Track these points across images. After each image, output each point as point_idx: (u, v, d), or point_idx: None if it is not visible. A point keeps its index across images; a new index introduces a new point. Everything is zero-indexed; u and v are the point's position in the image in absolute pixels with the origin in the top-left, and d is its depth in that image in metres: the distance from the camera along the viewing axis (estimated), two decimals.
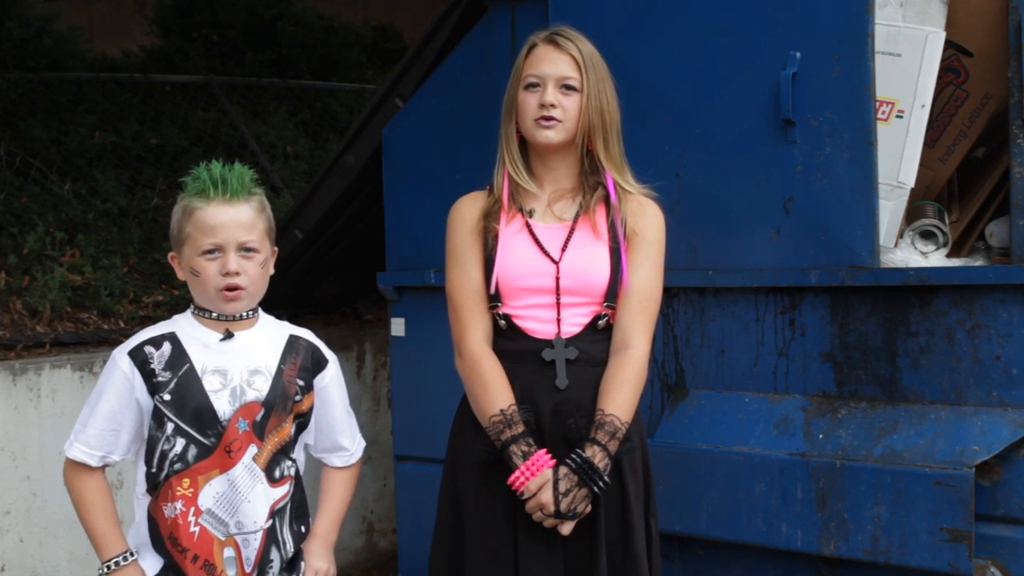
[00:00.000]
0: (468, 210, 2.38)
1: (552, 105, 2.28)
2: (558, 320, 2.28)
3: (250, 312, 2.18)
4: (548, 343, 2.27)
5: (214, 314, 2.14)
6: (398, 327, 3.52)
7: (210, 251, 2.08)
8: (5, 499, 3.51)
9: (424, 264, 3.43)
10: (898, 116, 2.72)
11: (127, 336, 4.18)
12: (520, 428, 2.22)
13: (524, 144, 2.38)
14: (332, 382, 2.27)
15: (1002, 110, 2.72)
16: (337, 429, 2.29)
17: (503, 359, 2.30)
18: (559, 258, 2.29)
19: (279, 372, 2.15)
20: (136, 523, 2.16)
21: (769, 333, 2.79)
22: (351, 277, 4.50)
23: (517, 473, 2.20)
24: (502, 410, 2.23)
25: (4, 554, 3.50)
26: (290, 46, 7.08)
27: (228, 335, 2.14)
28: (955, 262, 2.71)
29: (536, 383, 2.26)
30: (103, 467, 2.15)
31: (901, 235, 2.78)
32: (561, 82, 2.30)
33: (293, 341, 2.22)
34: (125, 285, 4.47)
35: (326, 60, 7.29)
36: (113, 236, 4.82)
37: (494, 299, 2.31)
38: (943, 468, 2.45)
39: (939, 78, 2.73)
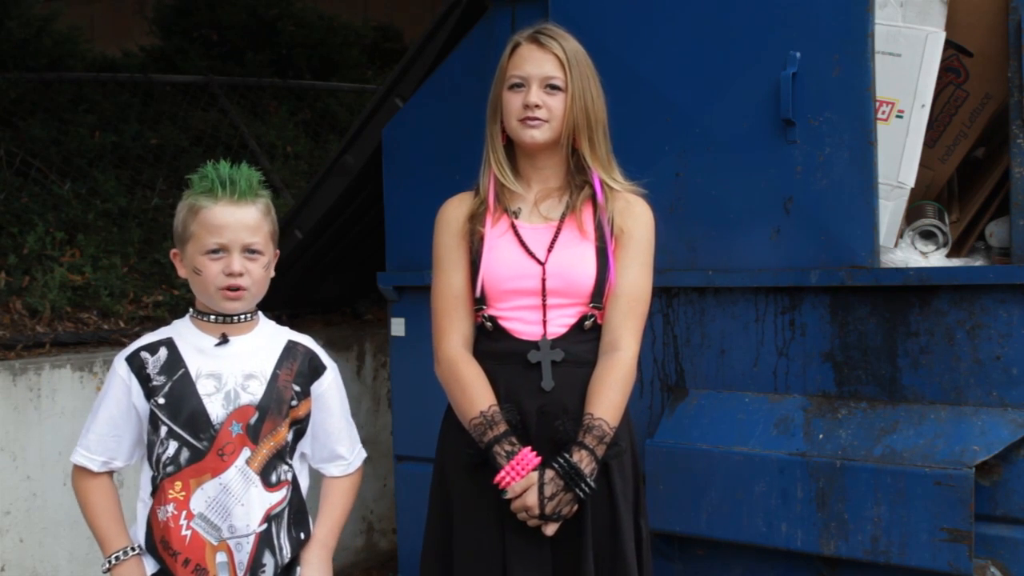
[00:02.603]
0: (453, 213, 2.37)
1: (536, 105, 2.27)
2: (544, 321, 2.27)
3: (249, 315, 2.19)
4: (534, 344, 2.26)
5: (212, 317, 2.14)
6: (398, 327, 3.52)
7: (214, 251, 2.08)
8: (5, 499, 3.51)
9: (424, 264, 3.40)
10: (898, 116, 2.72)
11: (127, 336, 4.22)
12: (503, 427, 2.21)
13: (511, 144, 2.37)
14: (330, 389, 2.25)
15: (1002, 110, 2.72)
16: (335, 437, 2.27)
17: (488, 360, 2.29)
18: (544, 259, 2.27)
19: (274, 376, 2.15)
20: (136, 526, 2.17)
21: (769, 333, 2.79)
22: (351, 277, 4.50)
23: (503, 473, 2.19)
24: (482, 411, 2.22)
25: (4, 554, 3.50)
26: (290, 46, 7.08)
27: (224, 340, 2.14)
28: (955, 262, 2.71)
29: (521, 385, 2.26)
30: (109, 472, 2.18)
31: (901, 235, 2.78)
32: (545, 82, 2.29)
33: (291, 347, 2.22)
34: (125, 285, 4.47)
35: (326, 60, 7.29)
36: (113, 236, 4.82)
37: (480, 301, 2.30)
38: (943, 468, 2.45)
39: (939, 78, 2.73)
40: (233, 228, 2.08)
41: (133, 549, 2.12)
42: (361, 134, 3.72)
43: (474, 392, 2.25)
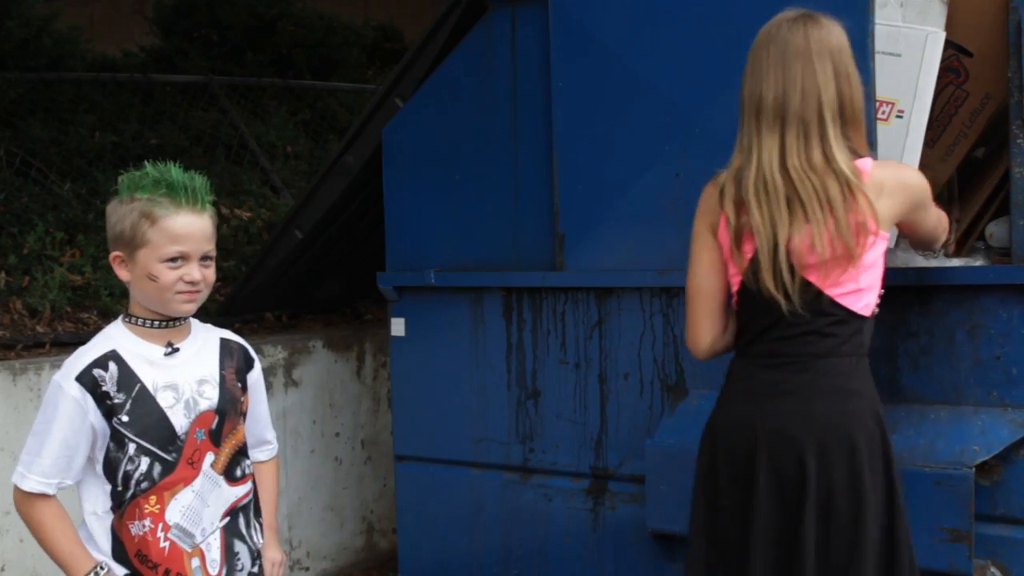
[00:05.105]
0: None
1: None
2: None
3: (182, 320, 2.18)
4: None
5: (151, 322, 2.13)
6: (398, 327, 3.52)
7: (174, 259, 2.07)
8: (5, 499, 3.51)
9: (424, 264, 3.43)
10: (898, 116, 2.72)
11: None
12: None
13: None
14: (259, 379, 2.33)
15: (1002, 110, 2.72)
16: (262, 423, 2.37)
17: None
18: None
19: (222, 378, 2.18)
20: (91, 540, 2.12)
21: None
22: (351, 277, 4.50)
23: None
24: None
25: (4, 554, 3.50)
26: (290, 46, 7.08)
27: (173, 349, 2.14)
28: (955, 262, 2.71)
29: None
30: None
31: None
32: None
33: (225, 344, 2.25)
34: (125, 285, 4.46)
35: (326, 60, 7.29)
36: None
37: None
38: (943, 468, 2.45)
39: (939, 78, 2.72)
40: (195, 238, 2.07)
41: (102, 568, 2.08)
42: (361, 134, 3.72)
43: None
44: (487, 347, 3.33)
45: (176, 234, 2.05)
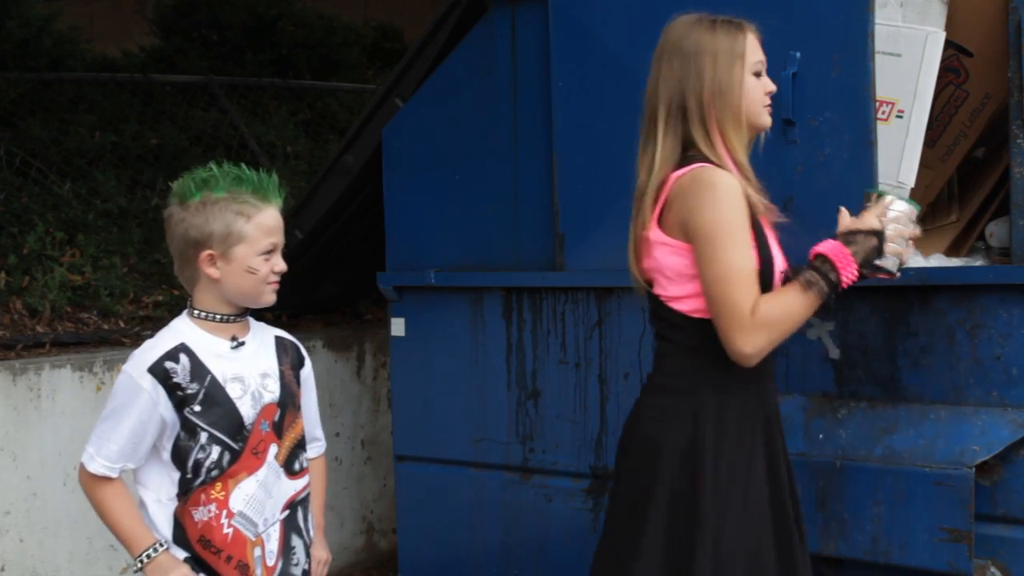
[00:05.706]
0: (742, 190, 2.19)
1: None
2: None
3: (245, 315, 2.25)
4: None
5: (221, 317, 2.20)
6: (398, 327, 3.52)
7: (268, 251, 2.18)
8: (5, 499, 3.51)
9: (424, 264, 3.43)
10: (898, 116, 2.72)
11: (127, 336, 4.21)
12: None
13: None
14: (311, 375, 2.40)
15: (1002, 110, 2.72)
16: (312, 420, 2.41)
17: None
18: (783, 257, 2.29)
19: (281, 373, 2.25)
20: (153, 526, 2.18)
21: None
22: (351, 277, 4.50)
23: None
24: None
25: (4, 554, 3.50)
26: (290, 46, 7.08)
27: (239, 343, 2.21)
28: (955, 262, 2.71)
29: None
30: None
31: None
32: None
33: (280, 342, 2.32)
34: (125, 285, 4.47)
35: (326, 60, 7.29)
36: (113, 236, 4.82)
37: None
38: (943, 468, 2.45)
39: (939, 78, 2.72)
40: (280, 230, 2.22)
41: (161, 544, 2.15)
42: (361, 134, 3.72)
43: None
44: (487, 347, 3.33)
45: (270, 227, 2.18)
